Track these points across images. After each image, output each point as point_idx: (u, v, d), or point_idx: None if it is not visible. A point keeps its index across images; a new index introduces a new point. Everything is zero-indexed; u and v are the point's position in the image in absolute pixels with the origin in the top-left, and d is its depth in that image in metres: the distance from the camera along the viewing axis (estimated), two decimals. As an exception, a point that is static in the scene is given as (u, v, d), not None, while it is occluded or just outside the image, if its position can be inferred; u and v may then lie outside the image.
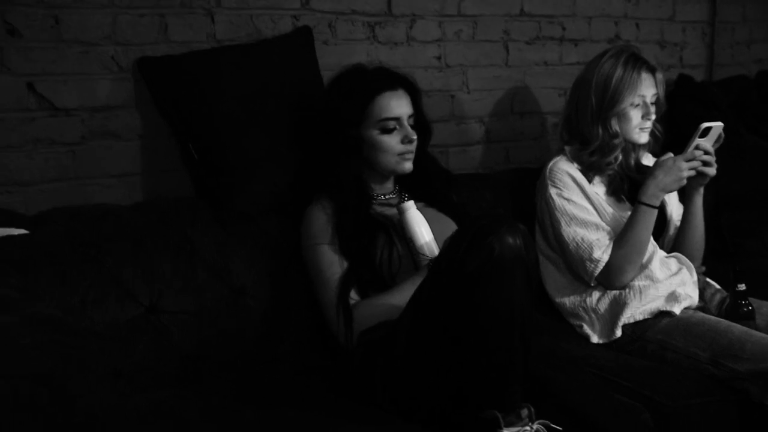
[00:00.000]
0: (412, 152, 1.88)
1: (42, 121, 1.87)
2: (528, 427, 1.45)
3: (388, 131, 1.85)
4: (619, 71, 2.02)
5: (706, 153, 1.97)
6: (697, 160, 1.97)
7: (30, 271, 1.65)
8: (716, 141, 1.99)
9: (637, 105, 2.03)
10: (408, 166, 1.89)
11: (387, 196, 1.94)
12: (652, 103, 2.05)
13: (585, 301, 2.02)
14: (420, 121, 1.94)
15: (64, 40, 1.86)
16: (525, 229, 1.50)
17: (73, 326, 1.61)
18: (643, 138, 2.07)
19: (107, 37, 1.91)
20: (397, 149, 1.86)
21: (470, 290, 1.45)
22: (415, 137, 1.87)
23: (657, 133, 2.12)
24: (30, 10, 1.82)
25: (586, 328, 2.01)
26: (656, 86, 2.05)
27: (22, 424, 1.23)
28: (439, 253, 1.60)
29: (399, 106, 1.86)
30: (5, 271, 1.59)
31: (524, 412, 1.47)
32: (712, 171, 1.99)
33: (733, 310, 1.95)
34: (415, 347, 1.56)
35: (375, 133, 1.85)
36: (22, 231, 1.58)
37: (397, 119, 1.86)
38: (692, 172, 1.97)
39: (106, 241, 1.76)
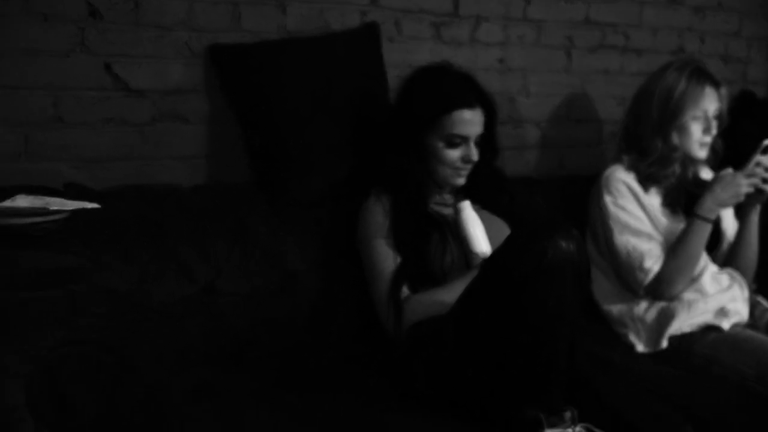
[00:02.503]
0: (467, 169, 1.89)
1: (116, 101, 1.93)
2: (570, 429, 1.47)
3: (453, 146, 1.85)
4: (682, 84, 2.01)
5: (767, 170, 1.96)
6: (757, 177, 1.96)
7: (97, 244, 1.71)
8: None
9: (699, 118, 2.03)
10: (460, 181, 1.90)
11: (443, 196, 1.96)
12: (714, 118, 2.04)
13: (632, 310, 2.03)
14: (490, 140, 1.93)
15: (142, 24, 1.92)
16: (578, 235, 1.51)
17: (137, 300, 1.67)
18: (703, 153, 2.07)
19: (182, 23, 1.97)
20: (455, 165, 1.87)
21: (520, 292, 1.47)
22: (475, 159, 1.86)
23: (717, 148, 2.11)
24: (111, -7, 1.89)
25: (632, 337, 2.02)
26: (719, 101, 2.04)
27: (89, 390, 1.29)
28: (492, 254, 1.62)
29: (472, 125, 1.85)
30: (78, 243, 1.65)
31: (567, 415, 1.49)
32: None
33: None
34: (463, 343, 1.59)
35: (440, 144, 1.85)
36: (95, 205, 1.64)
37: (466, 138, 1.86)
38: (751, 189, 1.97)
39: (167, 220, 1.81)
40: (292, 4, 2.09)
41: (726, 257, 2.13)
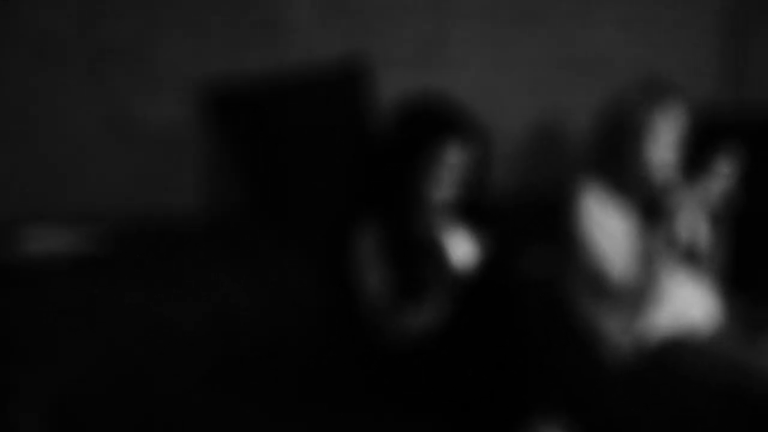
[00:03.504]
0: (456, 198, 1.92)
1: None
2: None
3: (443, 177, 1.89)
4: (648, 106, 2.06)
5: (729, 181, 2.03)
6: (718, 188, 2.03)
7: (115, 270, 1.84)
8: (738, 168, 2.05)
9: (667, 138, 2.08)
10: (449, 210, 1.93)
11: (432, 218, 1.97)
12: (681, 136, 2.09)
13: (611, 322, 2.08)
14: (481, 171, 1.96)
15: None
16: (557, 251, 1.58)
17: (157, 325, 1.78)
18: (671, 173, 2.11)
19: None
20: (444, 195, 1.90)
21: (509, 304, 1.55)
22: (465, 190, 1.90)
23: (683, 165, 2.15)
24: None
25: (612, 348, 2.06)
26: (685, 118, 2.09)
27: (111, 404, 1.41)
28: (474, 275, 1.68)
29: (462, 157, 1.88)
30: (98, 271, 1.77)
31: (561, 423, 1.57)
32: (736, 199, 2.05)
33: (755, 336, 2.00)
34: (456, 356, 1.66)
35: (431, 176, 1.89)
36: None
37: (455, 169, 1.89)
38: (715, 200, 2.04)
39: (177, 251, 1.94)
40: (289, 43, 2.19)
41: (696, 268, 2.17)
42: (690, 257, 2.15)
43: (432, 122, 1.89)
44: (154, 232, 1.97)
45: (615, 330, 2.07)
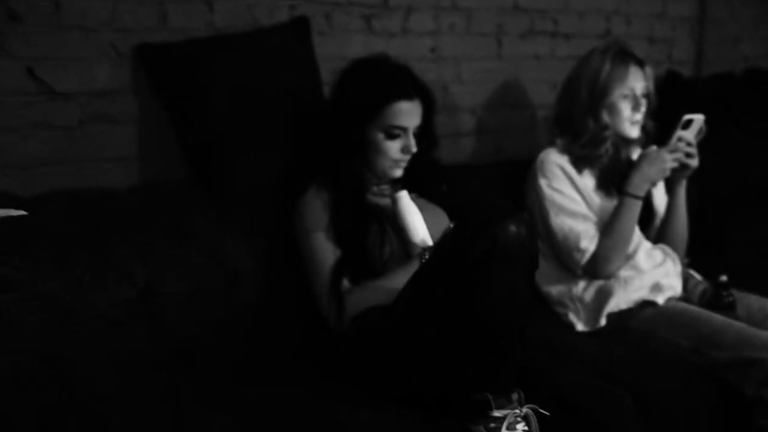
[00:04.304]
0: (406, 161, 1.89)
1: (41, 105, 1.89)
2: (518, 411, 1.50)
3: (392, 137, 1.86)
4: (608, 65, 2.06)
5: (689, 144, 2.02)
6: (679, 151, 2.02)
7: (30, 251, 1.68)
8: (698, 133, 2.04)
9: (627, 97, 2.07)
10: (399, 173, 1.90)
11: (380, 186, 1.96)
12: (642, 95, 2.09)
13: (571, 291, 2.07)
14: (428, 131, 1.94)
15: (64, 26, 1.88)
16: (528, 220, 1.54)
17: (75, 306, 1.64)
18: (634, 132, 2.11)
19: (107, 24, 1.93)
20: (395, 156, 1.87)
21: (473, 277, 1.48)
22: (414, 150, 1.87)
23: (648, 128, 2.16)
24: (32, -5, 1.84)
25: (572, 317, 2.06)
26: (645, 80, 2.09)
27: (25, 402, 1.26)
28: (442, 240, 1.62)
29: (411, 116, 1.86)
30: (7, 252, 1.61)
31: (514, 396, 1.51)
32: (694, 162, 2.04)
33: (715, 300, 2.00)
34: (411, 331, 1.59)
35: (379, 136, 1.85)
36: (21, 212, 1.60)
37: (405, 129, 1.86)
38: (675, 164, 2.02)
39: (103, 224, 1.78)
40: (218, 0, 2.07)
41: (658, 233, 2.19)
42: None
43: (376, 81, 1.86)
44: (85, 205, 1.80)
45: (571, 297, 2.08)
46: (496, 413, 1.49)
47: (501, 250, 1.46)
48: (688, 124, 2.00)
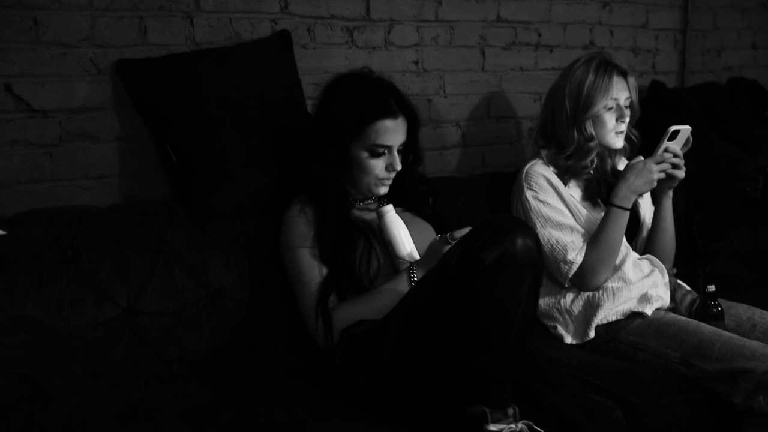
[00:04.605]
0: (391, 179, 1.88)
1: (19, 122, 1.86)
2: (513, 425, 1.48)
3: (376, 155, 1.84)
4: (591, 76, 2.06)
5: (675, 155, 2.01)
6: (666, 162, 2.01)
7: (7, 272, 1.65)
8: (685, 144, 2.04)
9: (611, 108, 2.07)
10: (383, 191, 1.89)
11: (366, 202, 1.95)
12: (626, 107, 2.09)
13: (559, 303, 2.05)
14: (412, 147, 1.93)
15: (42, 42, 1.86)
16: (536, 233, 1.54)
17: (53, 328, 1.61)
18: (619, 142, 2.11)
19: (86, 39, 1.91)
20: (380, 174, 1.86)
21: (480, 285, 1.47)
22: (399, 167, 1.86)
23: (633, 138, 2.16)
24: (8, 11, 1.81)
25: (560, 329, 2.04)
26: (629, 90, 2.09)
27: (4, 424, 1.23)
28: (451, 249, 1.60)
29: (395, 134, 1.84)
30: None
31: (510, 411, 1.50)
32: (680, 173, 2.03)
33: (703, 311, 1.99)
34: (408, 343, 1.58)
35: (363, 155, 1.84)
36: (1, 232, 1.58)
37: (389, 147, 1.84)
38: (662, 175, 2.01)
39: (83, 243, 1.76)
40: (199, 15, 2.06)
41: (645, 244, 2.18)
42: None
43: (360, 99, 1.84)
44: (65, 224, 1.78)
45: (559, 310, 2.07)
46: (492, 427, 1.48)
47: (510, 261, 1.46)
48: (674, 135, 2.00)
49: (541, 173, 2.08)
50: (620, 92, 2.07)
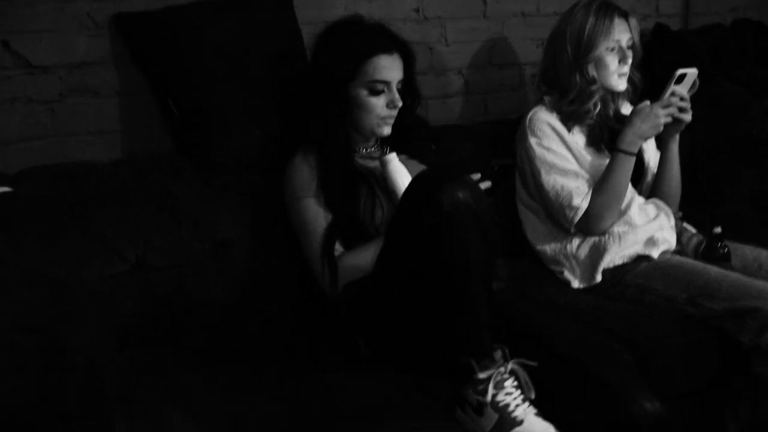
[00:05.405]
0: (393, 117, 1.88)
1: (18, 79, 1.85)
2: (503, 368, 1.50)
3: (376, 93, 1.85)
4: (591, 18, 2.03)
5: (682, 99, 2.00)
6: (673, 106, 1.99)
7: (15, 229, 1.66)
8: (691, 87, 2.02)
9: (612, 49, 2.05)
10: (387, 130, 1.89)
11: (369, 149, 1.95)
12: (628, 48, 2.06)
13: (565, 248, 2.06)
14: (410, 86, 1.93)
15: (39, -3, 1.85)
16: (472, 180, 1.55)
17: (65, 282, 1.62)
18: (622, 85, 2.09)
19: (82, -7, 1.89)
20: (381, 113, 1.86)
21: (425, 247, 1.50)
22: (400, 104, 1.86)
23: (635, 80, 2.14)
24: (3, -33, 1.80)
25: (567, 274, 2.05)
26: (630, 31, 2.06)
27: (18, 375, 1.25)
28: (394, 213, 1.64)
29: (392, 70, 1.85)
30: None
31: (497, 354, 1.52)
32: (687, 117, 2.02)
33: (710, 252, 1.99)
34: (388, 300, 1.61)
35: (363, 93, 1.84)
36: (6, 189, 1.58)
37: (387, 83, 1.85)
38: (669, 119, 2.00)
39: (89, 199, 1.77)
40: (197, -34, 2.03)
41: (651, 188, 2.17)
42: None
43: (354, 39, 1.86)
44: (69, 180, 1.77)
45: (566, 255, 2.07)
46: (481, 375, 1.49)
47: (447, 216, 1.47)
48: (681, 79, 1.98)
49: (544, 120, 2.07)
50: (622, 34, 2.05)
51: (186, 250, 1.83)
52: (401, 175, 1.83)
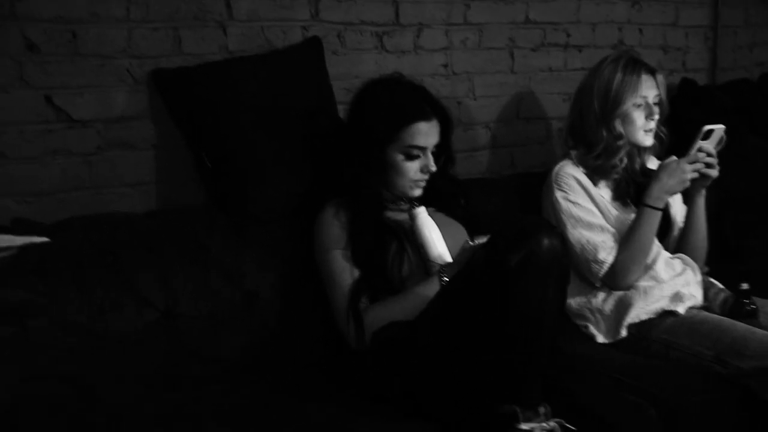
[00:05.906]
0: (425, 180, 1.90)
1: (59, 132, 1.92)
2: (545, 424, 1.50)
3: (411, 158, 1.87)
4: (619, 74, 2.06)
5: (709, 155, 2.01)
6: (699, 162, 2.00)
7: (50, 277, 1.70)
8: (718, 143, 2.03)
9: (640, 105, 2.07)
10: (418, 192, 1.91)
11: (398, 203, 1.96)
12: (654, 104, 2.09)
13: (590, 302, 2.06)
14: (445, 148, 1.95)
15: (81, 54, 1.91)
16: (562, 233, 1.56)
17: (97, 331, 1.66)
18: (648, 140, 2.10)
19: (123, 51, 1.96)
20: (414, 176, 1.88)
21: (507, 287, 1.49)
22: (434, 169, 1.88)
23: (662, 135, 2.15)
24: (48, 26, 1.86)
25: (592, 329, 2.04)
26: (657, 87, 2.09)
27: (50, 422, 1.28)
28: (477, 250, 1.62)
29: (429, 136, 1.87)
30: (31, 278, 1.64)
31: (542, 409, 1.52)
32: (714, 173, 2.02)
33: (737, 308, 1.98)
34: (439, 342, 1.60)
35: (399, 157, 1.86)
36: (44, 239, 1.63)
37: (424, 149, 1.87)
38: (695, 174, 2.01)
39: (122, 248, 1.80)
40: (232, 24, 2.10)
41: (677, 243, 2.17)
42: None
43: (394, 103, 1.88)
44: (104, 230, 1.82)
45: (591, 309, 2.06)
46: (524, 426, 1.49)
47: (536, 261, 1.48)
48: (708, 135, 1.99)
49: (570, 174, 2.09)
50: (649, 90, 2.07)
51: (215, 299, 1.86)
52: (430, 228, 1.84)
